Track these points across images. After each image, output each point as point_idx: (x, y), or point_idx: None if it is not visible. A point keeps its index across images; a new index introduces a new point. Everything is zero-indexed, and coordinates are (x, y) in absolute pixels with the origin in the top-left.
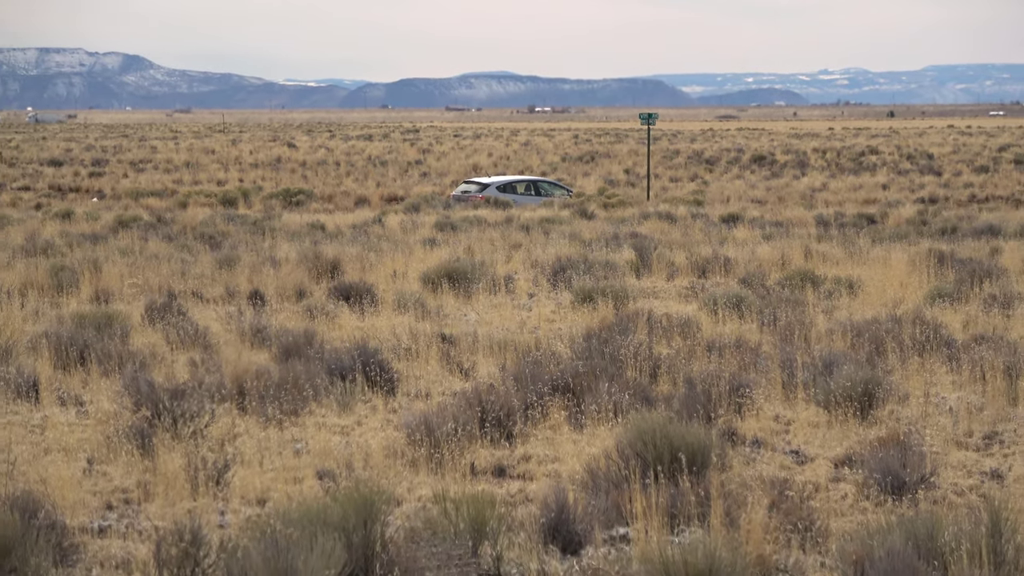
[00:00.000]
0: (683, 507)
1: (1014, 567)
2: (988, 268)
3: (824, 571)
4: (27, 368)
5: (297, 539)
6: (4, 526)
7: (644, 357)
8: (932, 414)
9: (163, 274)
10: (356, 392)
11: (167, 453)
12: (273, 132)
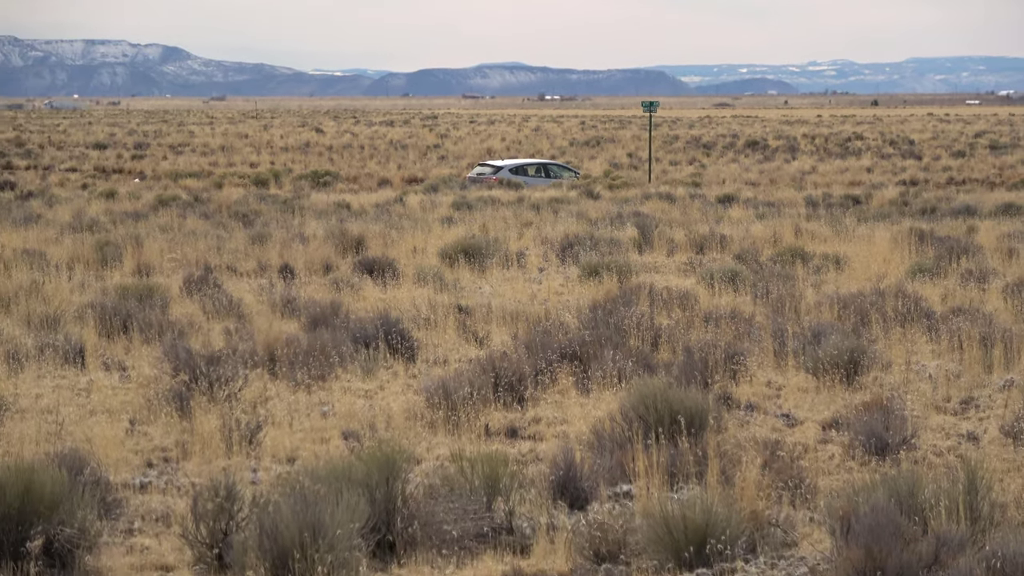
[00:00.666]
0: (682, 466)
1: (989, 522)
2: (965, 245)
3: (813, 525)
4: (74, 336)
5: (324, 495)
6: (53, 482)
7: (646, 327)
8: (913, 380)
9: (200, 249)
10: (379, 359)
11: (203, 415)
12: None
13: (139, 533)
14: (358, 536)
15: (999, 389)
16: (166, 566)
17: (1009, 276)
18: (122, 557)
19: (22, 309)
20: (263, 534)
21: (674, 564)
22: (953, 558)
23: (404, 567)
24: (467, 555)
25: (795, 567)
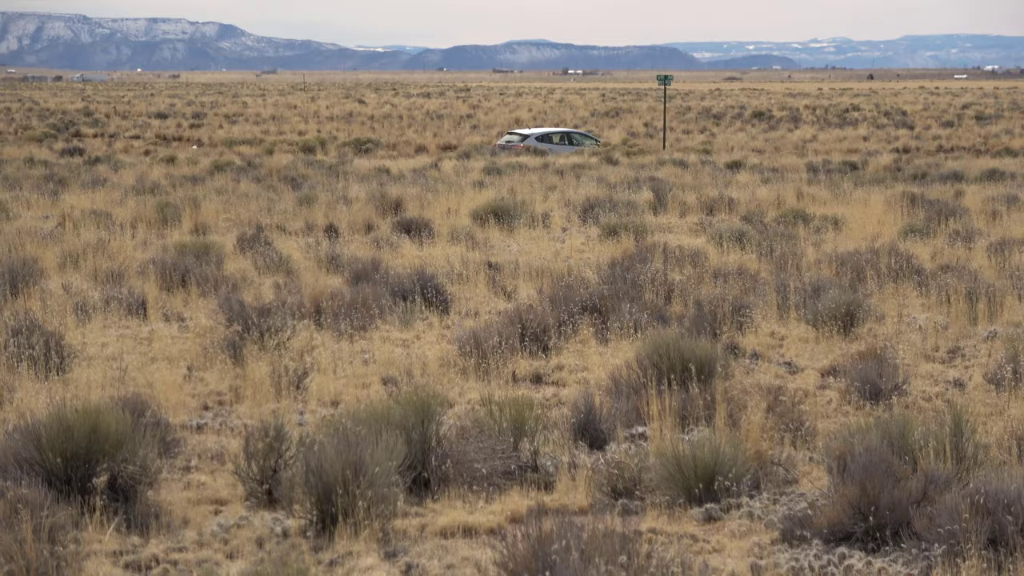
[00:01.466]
0: (692, 410)
1: (973, 461)
2: (953, 208)
3: (812, 464)
4: (137, 289)
5: (365, 436)
6: (117, 423)
7: (660, 282)
8: (904, 332)
9: (252, 210)
10: (415, 311)
11: (255, 362)
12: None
13: (195, 470)
14: (396, 473)
15: (983, 340)
16: (220, 500)
17: (993, 236)
18: (180, 492)
19: (90, 265)
20: (309, 471)
21: (685, 499)
22: (940, 494)
23: (438, 502)
24: (495, 491)
25: (795, 502)
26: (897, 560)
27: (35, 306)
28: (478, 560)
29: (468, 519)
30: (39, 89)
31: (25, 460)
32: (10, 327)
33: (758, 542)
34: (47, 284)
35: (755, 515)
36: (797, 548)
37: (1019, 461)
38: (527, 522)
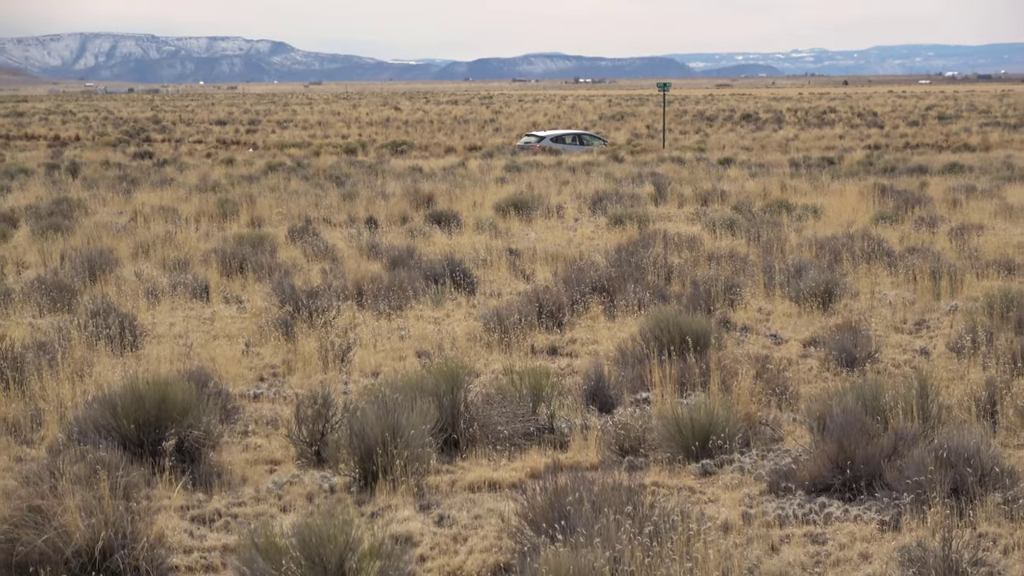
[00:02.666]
0: (689, 377)
1: (937, 421)
2: (918, 197)
3: (795, 424)
4: (200, 275)
5: (401, 402)
6: (184, 392)
7: (660, 265)
8: (876, 307)
9: (301, 205)
10: (445, 292)
11: (304, 338)
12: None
13: (252, 434)
14: (429, 435)
15: (945, 313)
16: (274, 460)
17: (953, 222)
18: (239, 454)
19: (159, 254)
20: (352, 434)
21: (683, 456)
22: (908, 449)
23: (466, 460)
24: (516, 450)
25: (781, 458)
26: (871, 508)
27: (111, 291)
28: (502, 511)
29: (493, 475)
30: (113, 99)
31: (103, 426)
32: (89, 310)
33: (748, 493)
34: (121, 272)
35: (745, 469)
36: (783, 498)
37: (978, 420)
38: (544, 477)
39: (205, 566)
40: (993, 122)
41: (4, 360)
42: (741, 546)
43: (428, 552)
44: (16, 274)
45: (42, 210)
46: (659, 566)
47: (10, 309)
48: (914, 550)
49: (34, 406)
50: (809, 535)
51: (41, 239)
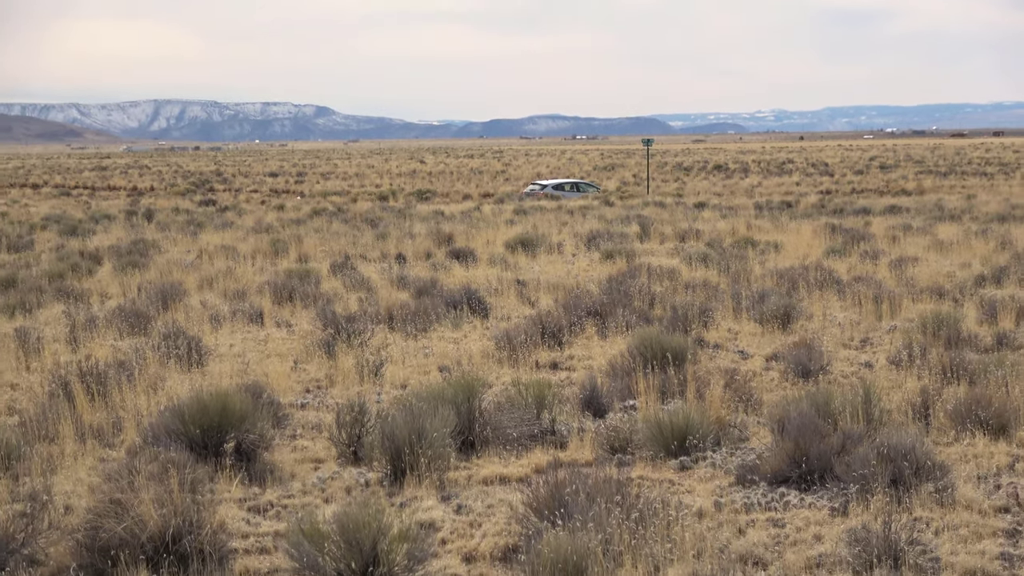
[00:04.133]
0: (669, 387)
1: (879, 423)
2: (863, 234)
3: (759, 426)
4: (256, 303)
5: (425, 409)
6: (242, 402)
7: (645, 293)
8: (827, 327)
9: (341, 244)
10: (463, 317)
11: (343, 356)
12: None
13: (300, 437)
14: (449, 438)
15: (886, 332)
16: (318, 459)
17: (893, 255)
18: (288, 454)
19: (220, 285)
20: (384, 437)
21: (664, 454)
22: (854, 447)
23: (480, 459)
24: (523, 450)
25: (747, 455)
26: (823, 496)
27: (180, 317)
28: (511, 501)
29: (503, 471)
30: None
31: (173, 432)
32: (162, 333)
33: (719, 485)
34: (189, 301)
35: (717, 465)
36: (748, 489)
37: (913, 422)
38: (547, 472)
39: (259, 549)
40: (926, 170)
41: (91, 376)
42: (713, 529)
43: (448, 536)
44: (100, 303)
45: (122, 249)
46: (643, 547)
47: (95, 333)
48: (859, 532)
49: (115, 415)
50: (771, 520)
51: (121, 274)
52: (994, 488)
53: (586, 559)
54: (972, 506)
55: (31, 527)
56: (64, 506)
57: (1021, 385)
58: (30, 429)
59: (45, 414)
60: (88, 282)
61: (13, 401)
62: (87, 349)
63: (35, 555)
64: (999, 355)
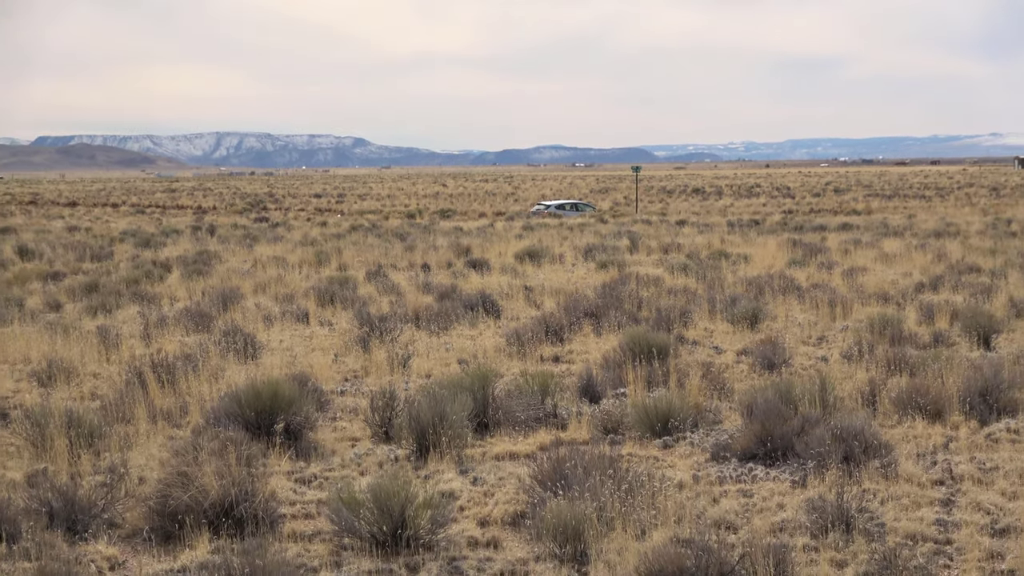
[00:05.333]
0: (655, 377)
1: (833, 408)
2: (819, 248)
3: (731, 411)
4: (302, 306)
5: (446, 396)
6: (290, 389)
7: (634, 297)
8: (789, 327)
9: (375, 255)
10: (478, 317)
11: (377, 350)
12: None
13: (339, 419)
14: (466, 420)
15: (839, 331)
16: (355, 438)
17: (845, 265)
18: (330, 433)
19: (272, 290)
20: (411, 419)
21: (650, 434)
22: (812, 429)
23: (493, 438)
24: (530, 430)
25: (720, 435)
26: (785, 471)
27: (238, 317)
28: (519, 474)
29: (513, 448)
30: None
31: (231, 414)
32: (222, 330)
33: (697, 460)
34: (245, 303)
35: (695, 443)
36: (722, 464)
37: (862, 407)
38: (550, 450)
39: (305, 515)
40: (874, 194)
41: (161, 367)
42: (692, 499)
43: (465, 504)
44: (170, 305)
45: (188, 259)
46: (632, 513)
47: (165, 330)
48: (816, 501)
49: (182, 400)
50: (741, 491)
51: (187, 280)
52: (931, 464)
53: (583, 524)
54: (912, 479)
55: (110, 495)
56: (138, 478)
57: (954, 377)
58: (109, 412)
59: (122, 399)
60: (159, 287)
61: (95, 388)
62: (158, 344)
63: (114, 519)
64: (935, 351)
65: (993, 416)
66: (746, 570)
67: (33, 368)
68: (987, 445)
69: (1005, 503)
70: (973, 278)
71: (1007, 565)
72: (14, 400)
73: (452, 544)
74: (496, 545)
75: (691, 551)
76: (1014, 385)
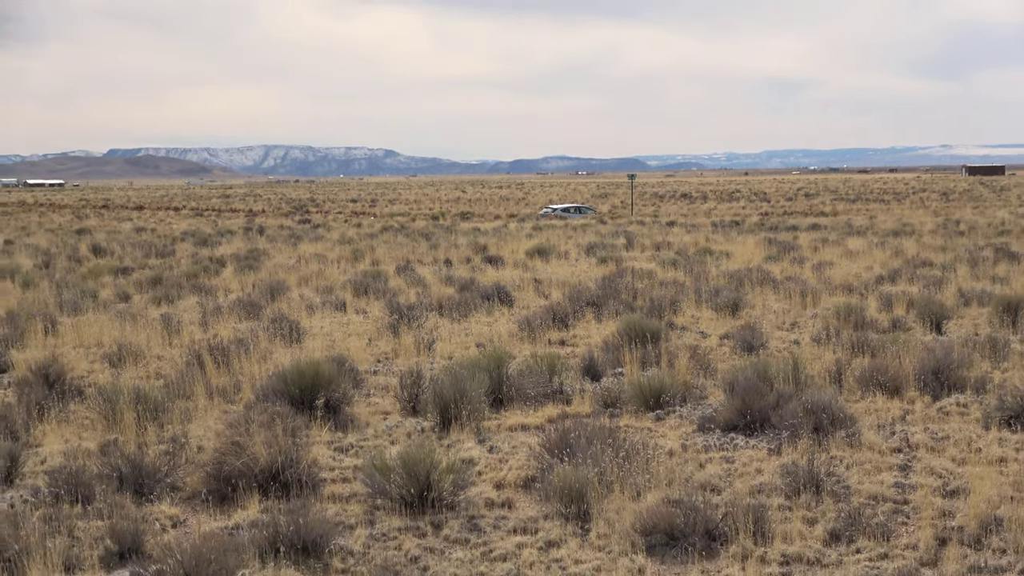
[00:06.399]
0: (648, 358)
1: (804, 385)
2: (792, 245)
3: (715, 388)
4: (340, 296)
5: (466, 375)
6: (330, 370)
7: (630, 289)
8: (766, 314)
9: (403, 252)
10: (494, 306)
11: (405, 335)
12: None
13: (372, 396)
14: (483, 396)
15: (810, 318)
16: (386, 412)
17: (814, 260)
18: (364, 408)
19: (314, 283)
20: (435, 395)
21: (644, 408)
22: (786, 403)
23: (507, 411)
24: (539, 405)
25: (705, 409)
26: (763, 440)
27: (284, 306)
28: (530, 443)
29: (524, 420)
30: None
31: (278, 391)
32: (270, 318)
33: (685, 431)
34: (290, 294)
35: (683, 416)
36: (707, 433)
37: (830, 384)
38: (557, 422)
39: (342, 479)
40: (839, 198)
41: (217, 350)
42: (681, 464)
43: (483, 469)
44: (224, 296)
45: (240, 256)
46: (628, 477)
47: (220, 318)
48: (790, 467)
49: (235, 378)
50: (724, 457)
51: (240, 274)
52: (890, 434)
53: (586, 486)
54: (874, 447)
55: (172, 462)
56: (197, 447)
57: (910, 357)
58: (172, 389)
59: (183, 378)
60: (215, 280)
61: (159, 368)
62: (214, 330)
63: (175, 483)
64: (894, 335)
65: (944, 392)
66: (728, 527)
67: (105, 351)
68: (939, 417)
69: (955, 468)
70: (926, 271)
71: (957, 522)
72: (89, 379)
73: (471, 504)
74: (510, 505)
75: (680, 510)
76: (962, 365)
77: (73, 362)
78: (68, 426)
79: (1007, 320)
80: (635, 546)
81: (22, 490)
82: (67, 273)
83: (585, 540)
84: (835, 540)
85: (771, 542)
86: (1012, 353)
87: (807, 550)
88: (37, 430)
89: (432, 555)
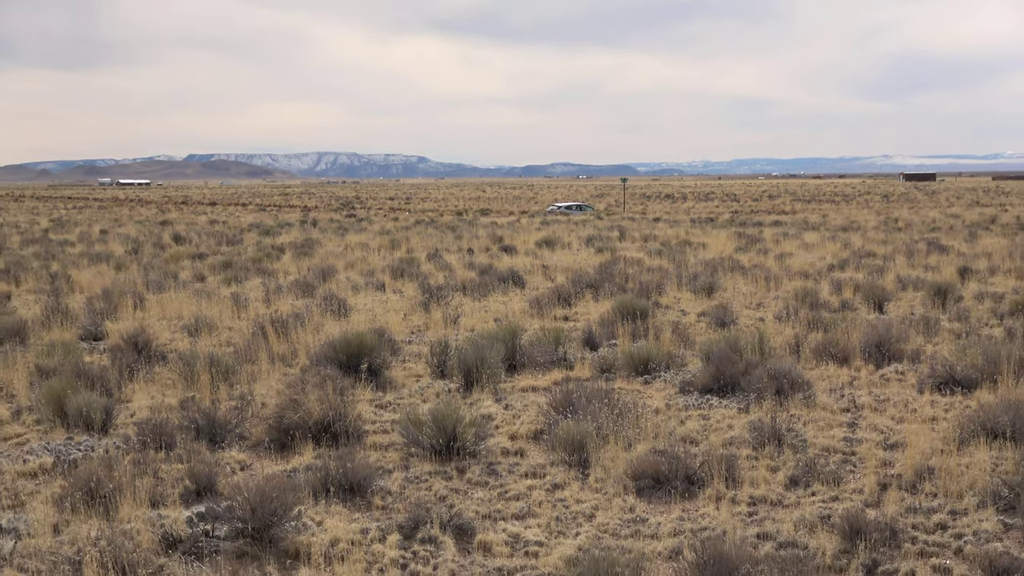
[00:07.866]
0: (638, 333)
1: (768, 355)
2: (757, 238)
3: (693, 357)
4: (380, 279)
5: (485, 344)
6: (372, 339)
7: (622, 274)
8: (736, 296)
9: (432, 242)
10: (509, 287)
11: (435, 311)
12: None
13: (407, 362)
14: (500, 362)
15: (773, 299)
16: (419, 375)
17: (776, 251)
18: (400, 372)
19: (358, 267)
20: (460, 361)
21: (634, 373)
22: (753, 370)
23: (520, 375)
24: (546, 370)
25: (686, 374)
26: (734, 401)
27: (333, 287)
28: (539, 402)
29: (534, 383)
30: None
31: (329, 357)
32: (322, 296)
33: (669, 393)
34: (338, 277)
35: (667, 381)
36: (687, 395)
37: (789, 355)
38: (561, 384)
39: (382, 431)
40: (797, 199)
41: (278, 322)
42: (665, 421)
43: (500, 423)
44: (284, 278)
45: (297, 244)
46: (621, 431)
47: (281, 296)
48: (756, 423)
49: (293, 347)
50: (701, 415)
51: (297, 259)
52: (840, 396)
53: (585, 438)
54: (826, 408)
55: (240, 415)
56: (261, 403)
57: (857, 333)
58: (240, 355)
59: (249, 346)
60: (276, 264)
61: (230, 338)
62: (275, 306)
63: (243, 433)
64: (843, 314)
65: (885, 362)
66: (705, 473)
67: (184, 323)
68: (881, 383)
69: (894, 425)
70: (870, 261)
71: (896, 470)
72: (171, 346)
73: (490, 452)
74: (522, 454)
75: (665, 459)
76: (900, 339)
77: (157, 332)
78: (153, 385)
79: (938, 302)
80: (627, 488)
81: (115, 438)
82: (152, 258)
83: (585, 483)
84: (794, 485)
85: (740, 486)
86: (942, 330)
87: (771, 493)
88: (127, 388)
89: (457, 495)
